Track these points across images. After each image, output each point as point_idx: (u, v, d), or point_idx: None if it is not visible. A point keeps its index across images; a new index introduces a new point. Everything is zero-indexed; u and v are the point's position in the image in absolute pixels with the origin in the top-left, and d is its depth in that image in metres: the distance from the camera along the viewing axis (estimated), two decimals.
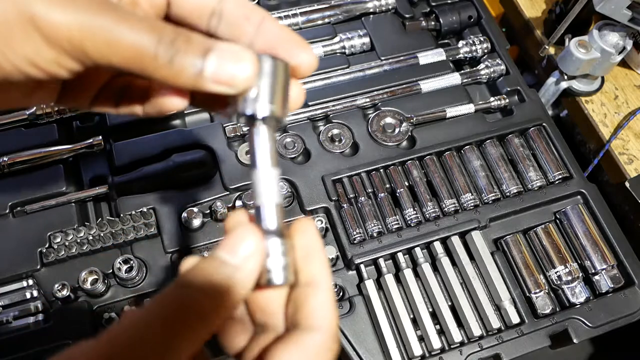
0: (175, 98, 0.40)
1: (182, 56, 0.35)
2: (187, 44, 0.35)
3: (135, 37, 0.34)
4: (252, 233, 0.36)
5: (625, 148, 0.91)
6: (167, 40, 0.34)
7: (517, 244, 0.76)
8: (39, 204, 0.74)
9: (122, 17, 0.34)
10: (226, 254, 0.35)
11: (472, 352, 0.70)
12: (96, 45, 0.34)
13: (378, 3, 0.94)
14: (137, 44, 0.34)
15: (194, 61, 0.35)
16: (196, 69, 0.35)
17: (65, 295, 0.68)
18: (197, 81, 0.35)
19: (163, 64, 0.35)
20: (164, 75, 0.35)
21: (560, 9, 0.98)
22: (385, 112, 0.85)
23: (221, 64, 0.35)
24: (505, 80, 0.90)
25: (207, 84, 0.35)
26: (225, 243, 0.36)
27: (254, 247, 0.36)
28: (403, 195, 0.79)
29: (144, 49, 0.34)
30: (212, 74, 0.35)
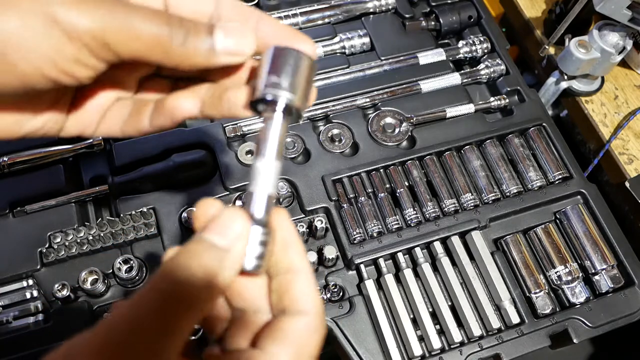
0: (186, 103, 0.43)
1: (192, 37, 0.38)
2: (194, 25, 0.38)
3: (151, 26, 0.37)
4: (241, 215, 0.37)
5: (625, 148, 0.91)
6: (176, 25, 0.38)
7: (517, 244, 0.76)
8: (39, 204, 0.74)
9: (136, 10, 0.37)
10: (214, 236, 0.36)
11: (472, 352, 0.70)
12: (117, 37, 0.36)
13: (378, 3, 0.94)
14: (154, 31, 0.37)
15: (203, 39, 0.38)
16: (207, 45, 0.38)
17: (65, 295, 0.68)
18: (210, 57, 0.39)
19: (177, 47, 0.37)
20: (180, 56, 0.38)
21: (560, 9, 0.98)
22: (385, 112, 0.85)
23: (227, 37, 0.39)
24: (505, 80, 0.90)
25: (219, 57, 0.39)
26: (214, 225, 0.36)
27: (242, 229, 0.36)
28: (403, 195, 0.79)
29: (160, 35, 0.37)
30: (222, 46, 0.39)
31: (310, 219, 0.76)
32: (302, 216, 0.76)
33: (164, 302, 0.32)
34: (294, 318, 0.37)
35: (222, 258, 0.35)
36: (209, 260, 0.35)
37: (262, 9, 0.92)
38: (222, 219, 0.36)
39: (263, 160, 0.38)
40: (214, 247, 0.35)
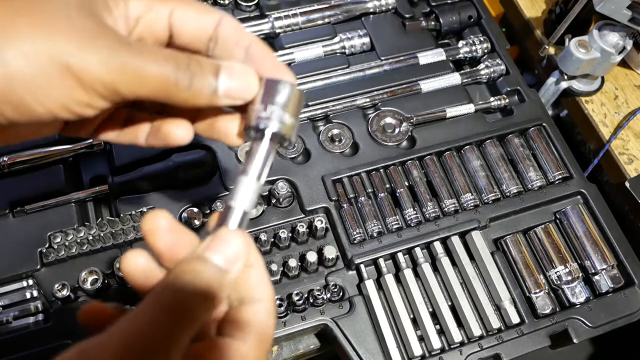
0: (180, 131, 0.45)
1: (198, 79, 0.39)
2: (200, 67, 0.39)
3: (157, 69, 0.38)
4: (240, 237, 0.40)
5: (625, 148, 0.91)
6: (183, 66, 0.39)
7: (517, 244, 0.76)
8: (39, 204, 0.74)
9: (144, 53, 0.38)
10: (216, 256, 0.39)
11: (472, 352, 0.70)
12: (127, 83, 0.37)
13: (378, 3, 0.94)
14: (161, 74, 0.38)
15: (209, 81, 0.40)
16: (211, 88, 0.40)
17: (65, 295, 0.68)
18: (212, 99, 0.40)
19: (183, 89, 0.39)
20: (184, 98, 0.39)
21: (560, 9, 0.98)
22: (385, 112, 0.85)
23: (231, 80, 0.40)
24: (505, 80, 0.90)
25: (221, 99, 0.40)
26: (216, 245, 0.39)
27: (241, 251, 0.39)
28: (403, 195, 0.79)
29: (167, 78, 0.38)
30: (225, 90, 0.40)
31: (310, 219, 0.76)
32: (302, 216, 0.76)
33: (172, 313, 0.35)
34: (253, 305, 0.41)
35: (222, 277, 0.38)
36: (212, 279, 0.37)
37: (262, 9, 0.92)
38: (224, 240, 0.39)
39: (245, 179, 0.42)
40: (216, 267, 0.38)
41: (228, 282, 0.39)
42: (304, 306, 0.71)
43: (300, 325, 0.70)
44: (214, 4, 0.92)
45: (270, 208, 0.77)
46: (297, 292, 0.71)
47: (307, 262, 0.72)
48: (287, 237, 0.74)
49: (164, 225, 0.39)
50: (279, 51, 0.89)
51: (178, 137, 0.45)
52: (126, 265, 0.40)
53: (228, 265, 0.39)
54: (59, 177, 0.77)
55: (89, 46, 0.36)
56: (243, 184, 0.41)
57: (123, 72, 0.37)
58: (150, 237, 0.39)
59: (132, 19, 0.42)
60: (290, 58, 0.88)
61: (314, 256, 0.72)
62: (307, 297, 0.71)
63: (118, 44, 0.37)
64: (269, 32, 0.91)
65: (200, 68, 0.40)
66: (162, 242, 0.40)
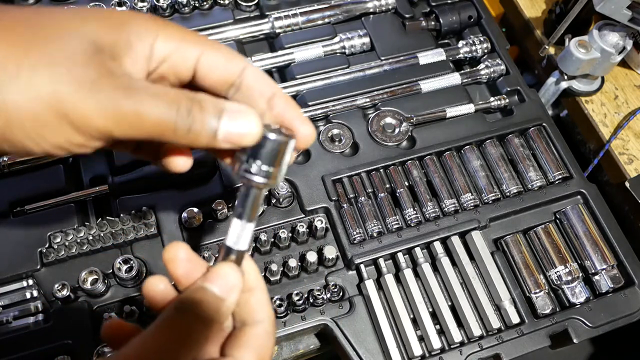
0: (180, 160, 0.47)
1: (198, 124, 0.39)
2: (202, 111, 0.40)
3: (156, 115, 0.38)
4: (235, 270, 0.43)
5: (625, 148, 0.91)
6: (184, 111, 0.39)
7: (517, 244, 0.76)
8: (39, 204, 0.74)
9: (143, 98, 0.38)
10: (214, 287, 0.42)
11: (472, 352, 0.70)
12: (121, 129, 0.38)
13: (378, 3, 0.94)
14: (158, 119, 0.38)
15: (209, 126, 0.40)
16: (211, 133, 0.40)
17: (65, 295, 0.68)
18: (211, 142, 0.41)
19: (182, 134, 0.39)
20: (182, 141, 0.40)
21: (560, 9, 0.98)
22: (385, 112, 0.85)
23: (232, 126, 0.40)
24: (505, 80, 0.90)
25: (220, 143, 0.41)
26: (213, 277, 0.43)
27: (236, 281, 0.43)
28: (403, 195, 0.79)
29: (164, 123, 0.38)
30: (224, 135, 0.40)
31: (310, 219, 0.76)
32: (302, 216, 0.76)
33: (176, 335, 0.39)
34: (254, 326, 0.45)
35: (220, 305, 0.42)
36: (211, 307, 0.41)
37: (262, 9, 0.92)
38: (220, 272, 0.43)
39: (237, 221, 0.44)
40: (214, 296, 0.42)
41: (226, 308, 0.42)
42: (304, 306, 0.71)
43: (300, 325, 0.70)
44: (214, 4, 0.92)
45: (270, 208, 0.77)
46: (297, 292, 0.71)
47: (307, 262, 0.72)
48: (287, 237, 0.74)
49: (182, 255, 0.43)
50: (279, 51, 0.89)
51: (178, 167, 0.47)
52: (148, 289, 0.43)
53: (224, 294, 0.42)
54: (59, 177, 0.77)
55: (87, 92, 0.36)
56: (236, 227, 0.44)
57: (118, 120, 0.37)
58: (171, 265, 0.43)
59: (157, 58, 0.42)
60: (290, 58, 0.88)
61: (314, 256, 0.72)
62: (307, 297, 0.71)
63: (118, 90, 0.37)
64: (269, 32, 0.91)
65: (202, 111, 0.40)
66: (180, 270, 0.43)
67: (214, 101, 0.41)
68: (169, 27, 0.42)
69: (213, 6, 0.92)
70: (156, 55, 0.41)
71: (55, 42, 0.37)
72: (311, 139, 0.47)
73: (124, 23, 0.40)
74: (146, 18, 0.41)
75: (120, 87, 0.37)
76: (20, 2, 0.90)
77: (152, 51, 0.41)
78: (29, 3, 0.90)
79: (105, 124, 0.37)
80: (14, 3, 0.90)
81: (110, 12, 0.41)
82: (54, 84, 0.36)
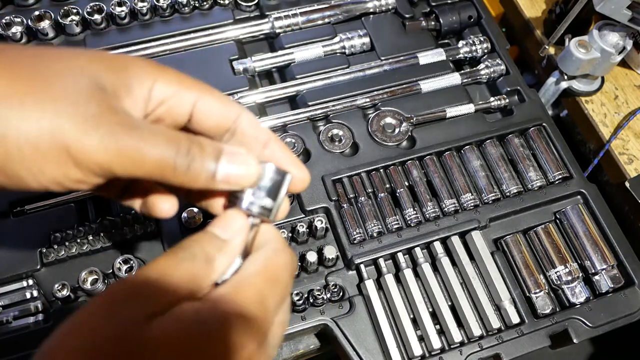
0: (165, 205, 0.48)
1: (197, 164, 0.40)
2: (201, 151, 0.40)
3: (156, 152, 0.39)
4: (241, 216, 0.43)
5: (625, 148, 0.91)
6: (183, 150, 0.39)
7: (517, 244, 0.76)
8: (38, 204, 0.74)
9: (144, 135, 0.38)
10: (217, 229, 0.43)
11: (472, 352, 0.70)
12: (122, 165, 0.38)
13: (378, 3, 0.94)
14: (158, 158, 0.39)
15: (208, 167, 0.41)
16: (210, 174, 0.41)
17: (65, 295, 0.68)
18: (209, 183, 0.41)
19: (181, 173, 0.40)
20: (181, 181, 0.40)
21: (560, 9, 0.98)
22: (385, 112, 0.85)
23: (230, 168, 0.42)
24: (505, 80, 0.90)
25: (218, 184, 0.42)
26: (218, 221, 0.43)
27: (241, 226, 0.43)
28: (403, 195, 0.79)
29: (164, 162, 0.39)
30: (223, 176, 0.41)
31: (310, 219, 0.76)
32: (302, 216, 0.76)
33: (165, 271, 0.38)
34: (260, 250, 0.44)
35: (220, 247, 0.41)
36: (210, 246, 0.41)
37: (262, 9, 0.92)
38: (225, 217, 0.43)
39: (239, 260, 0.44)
40: (216, 238, 0.42)
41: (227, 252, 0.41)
42: (304, 306, 0.71)
43: (300, 325, 0.70)
44: (214, 4, 0.92)
45: None
46: (297, 292, 0.71)
47: (307, 262, 0.72)
48: (287, 237, 0.74)
49: None
50: (279, 51, 0.89)
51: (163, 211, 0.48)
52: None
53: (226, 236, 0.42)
54: None
55: (89, 127, 0.37)
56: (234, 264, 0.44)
57: (120, 156, 0.37)
58: None
59: (155, 101, 0.43)
60: (290, 58, 0.88)
61: (314, 256, 0.72)
62: (307, 297, 0.71)
63: (119, 127, 0.38)
64: (269, 32, 0.91)
65: (201, 153, 0.40)
66: None
67: (212, 143, 0.42)
68: (167, 73, 0.43)
69: (213, 6, 0.92)
70: (154, 98, 0.42)
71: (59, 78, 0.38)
72: (305, 183, 0.48)
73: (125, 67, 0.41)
74: (146, 63, 0.43)
75: (122, 123, 0.38)
76: (19, 1, 0.89)
77: (150, 94, 0.42)
78: (29, 2, 0.90)
79: (107, 159, 0.37)
80: (13, 3, 0.90)
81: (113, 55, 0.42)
82: (57, 117, 0.36)
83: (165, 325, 0.35)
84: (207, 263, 0.40)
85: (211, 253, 0.41)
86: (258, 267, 0.42)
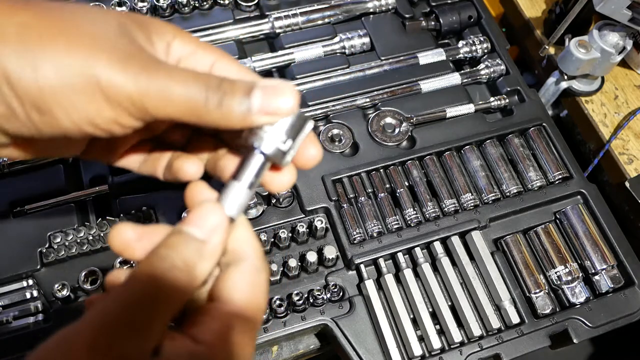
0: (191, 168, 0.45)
1: (229, 98, 0.39)
2: (231, 86, 0.39)
3: (187, 89, 0.38)
4: (217, 209, 0.39)
5: (625, 148, 0.91)
6: (213, 86, 0.38)
7: (517, 244, 0.76)
8: (39, 204, 0.74)
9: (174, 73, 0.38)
10: (192, 228, 0.38)
11: (472, 352, 0.70)
12: (154, 102, 0.37)
13: (378, 3, 0.94)
14: (189, 95, 0.38)
15: (241, 100, 0.39)
16: (244, 107, 0.39)
17: (65, 295, 0.68)
18: (245, 119, 0.39)
19: (213, 109, 0.38)
20: (215, 119, 0.39)
21: (560, 9, 0.98)
22: (385, 112, 0.85)
23: (266, 98, 0.39)
24: (505, 80, 0.90)
25: (255, 118, 0.39)
26: (192, 218, 0.39)
27: (219, 222, 0.39)
28: (403, 195, 0.79)
29: (195, 98, 0.38)
30: (259, 107, 0.39)
31: (310, 219, 0.76)
32: (302, 216, 0.76)
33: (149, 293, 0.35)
34: (238, 265, 0.40)
35: (200, 249, 0.38)
36: (188, 251, 0.37)
37: (262, 9, 0.92)
38: (200, 212, 0.39)
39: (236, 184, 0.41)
40: (193, 239, 0.38)
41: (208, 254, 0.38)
42: (304, 306, 0.71)
43: (300, 325, 0.70)
44: (214, 4, 0.92)
45: (270, 208, 0.77)
46: (297, 292, 0.71)
47: (307, 262, 0.72)
48: (287, 237, 0.74)
49: (131, 236, 0.39)
50: (279, 51, 0.89)
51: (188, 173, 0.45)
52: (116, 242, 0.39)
53: (204, 235, 0.38)
54: (59, 177, 0.77)
55: (120, 65, 0.37)
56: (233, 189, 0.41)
57: (152, 91, 0.37)
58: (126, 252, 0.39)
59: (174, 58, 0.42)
60: (290, 58, 0.88)
61: (314, 256, 0.72)
62: (307, 297, 0.71)
63: (149, 64, 0.38)
64: (269, 32, 0.91)
65: (232, 87, 0.39)
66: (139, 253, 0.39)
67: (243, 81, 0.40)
68: (185, 34, 0.43)
69: (213, 6, 0.92)
70: (173, 54, 0.42)
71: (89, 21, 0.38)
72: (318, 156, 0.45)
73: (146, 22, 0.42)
74: (165, 23, 0.43)
75: (151, 61, 0.38)
76: None
77: (169, 50, 0.42)
78: None
79: (138, 95, 0.37)
80: None
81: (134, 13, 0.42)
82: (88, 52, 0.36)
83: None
84: (188, 274, 0.37)
85: (191, 260, 0.37)
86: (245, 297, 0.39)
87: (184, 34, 0.43)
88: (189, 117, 0.39)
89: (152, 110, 0.38)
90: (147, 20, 0.42)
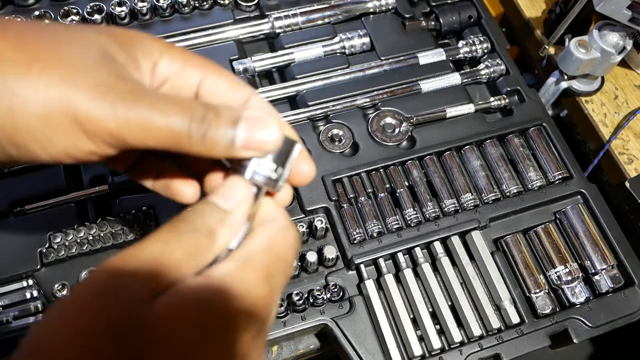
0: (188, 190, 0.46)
1: (213, 130, 0.38)
2: (217, 117, 0.38)
3: (169, 120, 0.37)
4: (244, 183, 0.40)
5: (625, 148, 0.91)
6: (198, 117, 0.38)
7: (517, 244, 0.76)
8: (39, 204, 0.74)
9: (156, 102, 0.37)
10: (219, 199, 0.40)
11: (472, 352, 0.70)
12: (134, 134, 0.37)
13: (378, 3, 0.94)
14: (171, 126, 0.37)
15: (225, 133, 0.38)
16: (228, 140, 0.38)
17: (65, 295, 0.68)
18: (229, 151, 0.39)
19: (196, 141, 0.38)
20: (198, 150, 0.38)
21: (560, 9, 0.98)
22: (385, 112, 0.85)
23: (250, 132, 0.39)
24: (505, 80, 0.90)
25: (238, 151, 0.39)
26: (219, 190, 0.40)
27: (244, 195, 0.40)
28: (403, 195, 0.79)
29: (177, 129, 0.37)
30: (243, 141, 0.39)
31: (310, 219, 0.76)
32: (302, 216, 0.76)
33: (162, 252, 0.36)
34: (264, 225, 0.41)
35: (223, 218, 0.39)
36: (212, 218, 0.38)
37: (262, 9, 0.92)
38: (227, 185, 0.40)
39: None
40: (218, 208, 0.39)
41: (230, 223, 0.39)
42: (304, 306, 0.71)
43: (300, 325, 0.70)
44: (214, 4, 0.92)
45: None
46: (297, 292, 0.71)
47: (307, 262, 0.72)
48: None
49: None
50: (279, 51, 0.89)
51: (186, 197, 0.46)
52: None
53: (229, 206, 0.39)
54: (59, 177, 0.76)
55: (98, 95, 0.36)
56: None
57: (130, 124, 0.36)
58: None
59: (160, 78, 0.41)
60: (290, 58, 0.88)
61: (314, 256, 0.72)
62: (307, 297, 0.71)
63: (130, 93, 0.37)
64: (269, 32, 0.91)
65: (217, 118, 0.38)
66: None
67: (229, 109, 0.39)
68: (173, 49, 0.42)
69: (213, 6, 0.92)
70: (159, 74, 0.41)
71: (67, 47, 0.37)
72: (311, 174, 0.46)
73: (132, 40, 0.40)
74: (153, 39, 0.42)
75: (132, 91, 0.37)
76: (19, 1, 0.89)
77: (155, 70, 0.41)
78: (29, 2, 0.90)
79: (117, 127, 0.36)
80: (13, 3, 0.89)
81: (120, 29, 0.42)
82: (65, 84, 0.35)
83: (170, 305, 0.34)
84: (208, 237, 0.38)
85: (213, 225, 0.38)
86: (264, 245, 0.39)
87: (172, 50, 0.42)
88: (170, 147, 0.38)
89: (131, 142, 0.37)
90: (133, 37, 0.41)
